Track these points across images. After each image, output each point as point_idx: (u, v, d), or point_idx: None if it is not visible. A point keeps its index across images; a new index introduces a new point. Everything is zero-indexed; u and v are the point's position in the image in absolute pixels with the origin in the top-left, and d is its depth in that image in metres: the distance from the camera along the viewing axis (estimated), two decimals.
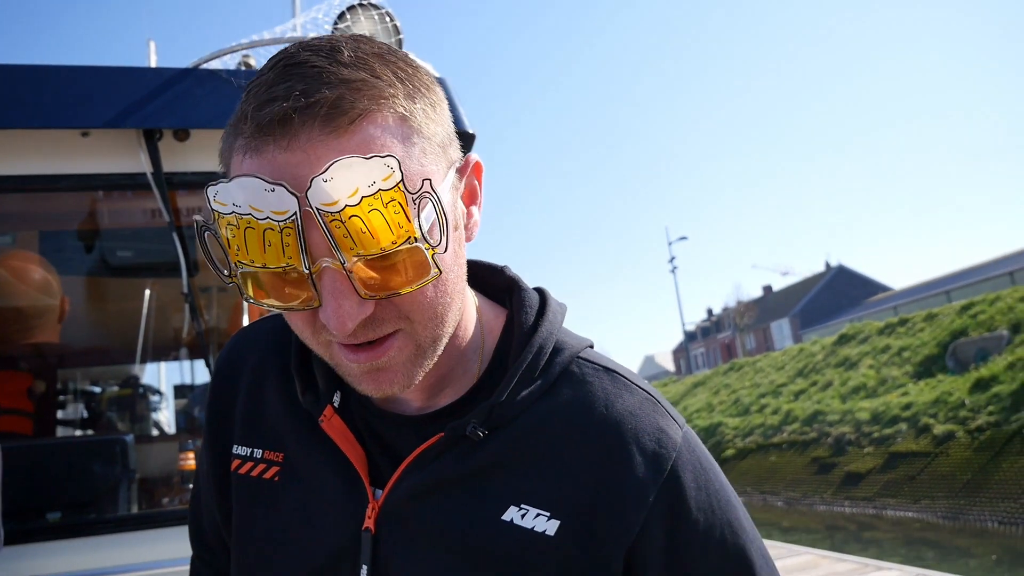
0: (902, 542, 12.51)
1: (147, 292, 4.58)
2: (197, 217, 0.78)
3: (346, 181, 0.69)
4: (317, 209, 0.70)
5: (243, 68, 3.12)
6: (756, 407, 23.01)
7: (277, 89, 0.74)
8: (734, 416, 23.56)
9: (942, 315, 20.15)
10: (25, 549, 2.48)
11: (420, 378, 0.84)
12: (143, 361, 5.11)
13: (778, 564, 0.96)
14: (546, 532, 0.85)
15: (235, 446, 1.01)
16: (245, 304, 4.61)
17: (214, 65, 2.99)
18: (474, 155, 0.90)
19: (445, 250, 0.76)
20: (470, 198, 0.90)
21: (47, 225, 3.45)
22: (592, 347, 0.99)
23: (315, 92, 0.73)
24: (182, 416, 5.52)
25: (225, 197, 0.72)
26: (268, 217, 0.71)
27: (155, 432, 5.08)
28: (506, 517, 0.86)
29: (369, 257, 0.73)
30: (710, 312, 75.89)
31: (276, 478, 0.97)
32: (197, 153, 2.86)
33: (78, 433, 5.16)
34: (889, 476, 15.09)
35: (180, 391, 5.72)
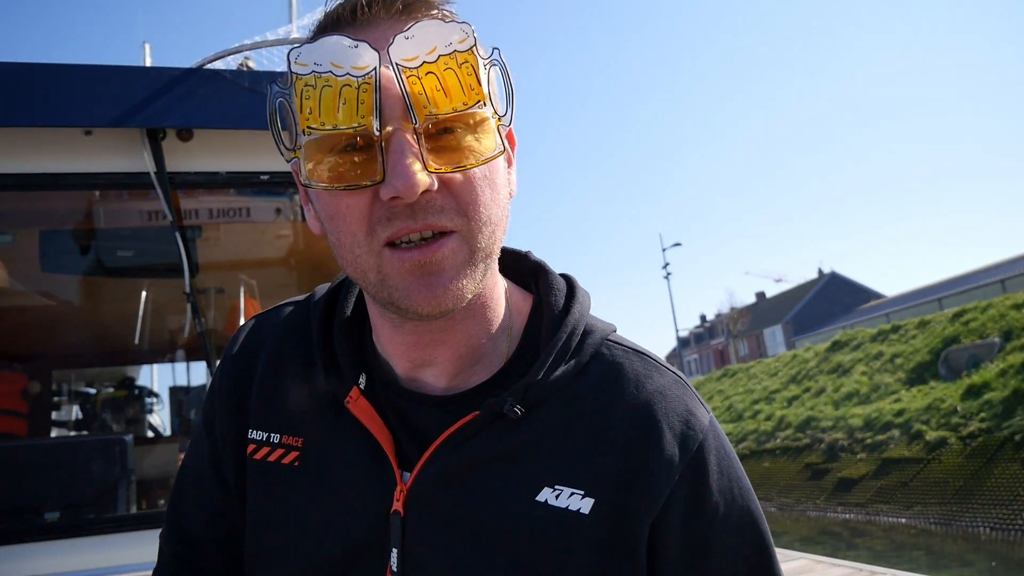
0: (895, 547, 12.53)
1: (144, 293, 4.56)
2: (273, 86, 0.80)
3: (426, 39, 0.74)
4: (396, 64, 0.74)
5: (244, 70, 3.12)
6: (749, 413, 23.03)
7: None
8: (728, 422, 23.57)
9: (934, 322, 20.20)
10: (24, 549, 2.46)
11: (469, 294, 0.82)
12: (139, 362, 5.09)
13: None
14: (581, 511, 0.85)
15: (250, 430, 0.99)
16: (241, 306, 4.61)
17: (217, 66, 2.99)
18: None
19: (510, 123, 0.81)
20: (507, 161, 0.93)
21: (48, 224, 3.43)
22: (615, 330, 0.99)
23: None
24: (177, 419, 5.50)
25: (307, 58, 0.74)
26: (347, 73, 0.74)
27: (150, 434, 5.06)
28: (540, 498, 0.85)
29: (442, 116, 0.76)
30: (703, 318, 76.01)
31: (296, 463, 0.95)
32: (200, 153, 2.86)
33: (72, 434, 5.13)
34: (882, 482, 15.11)
35: (175, 393, 5.69)
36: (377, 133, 0.75)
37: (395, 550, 0.86)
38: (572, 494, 0.85)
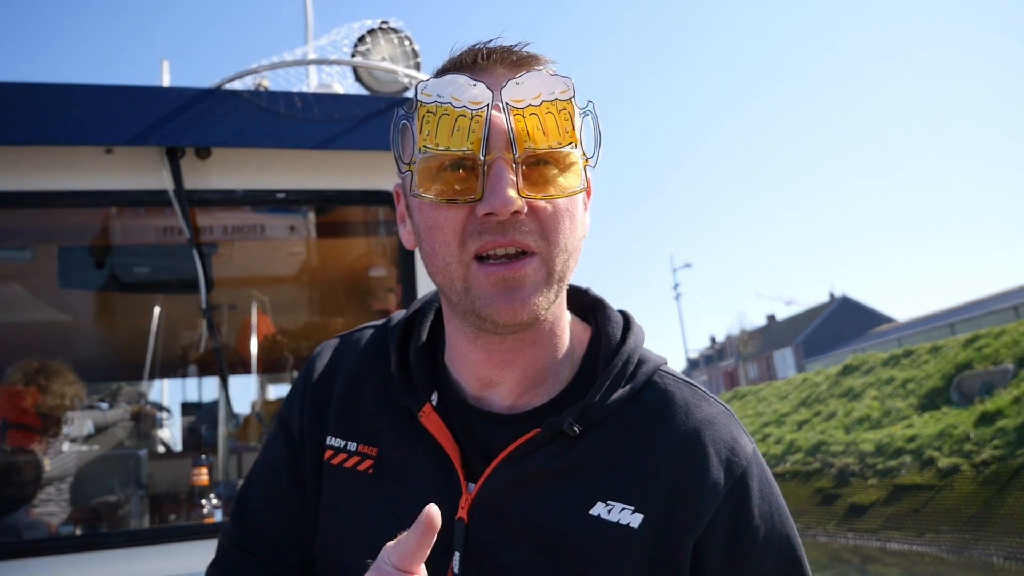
0: None
1: (157, 309, 4.60)
2: (399, 109, 0.95)
3: (533, 86, 0.87)
4: (506, 104, 0.87)
5: (262, 90, 3.16)
6: (759, 436, 22.88)
7: (479, 49, 0.97)
8: None
9: (947, 347, 20.08)
10: (39, 562, 2.47)
11: (543, 311, 0.92)
12: (152, 378, 5.12)
13: None
14: (630, 525, 0.93)
15: (328, 437, 1.09)
16: (253, 322, 4.63)
17: (235, 85, 3.03)
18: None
19: (595, 164, 0.92)
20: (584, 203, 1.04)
21: (66, 240, 3.47)
22: (667, 363, 1.08)
23: (510, 49, 0.97)
24: (188, 434, 5.51)
25: (432, 90, 0.87)
26: (464, 106, 0.87)
27: (161, 449, 5.07)
28: (594, 511, 0.93)
29: (538, 151, 0.88)
30: (713, 340, 75.65)
31: (370, 470, 1.04)
32: (218, 171, 2.89)
33: (84, 448, 5.15)
34: (893, 508, 14.96)
35: (187, 408, 5.72)
36: (482, 158, 0.87)
37: (457, 553, 0.95)
38: (623, 509, 0.93)
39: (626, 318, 1.10)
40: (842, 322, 54.80)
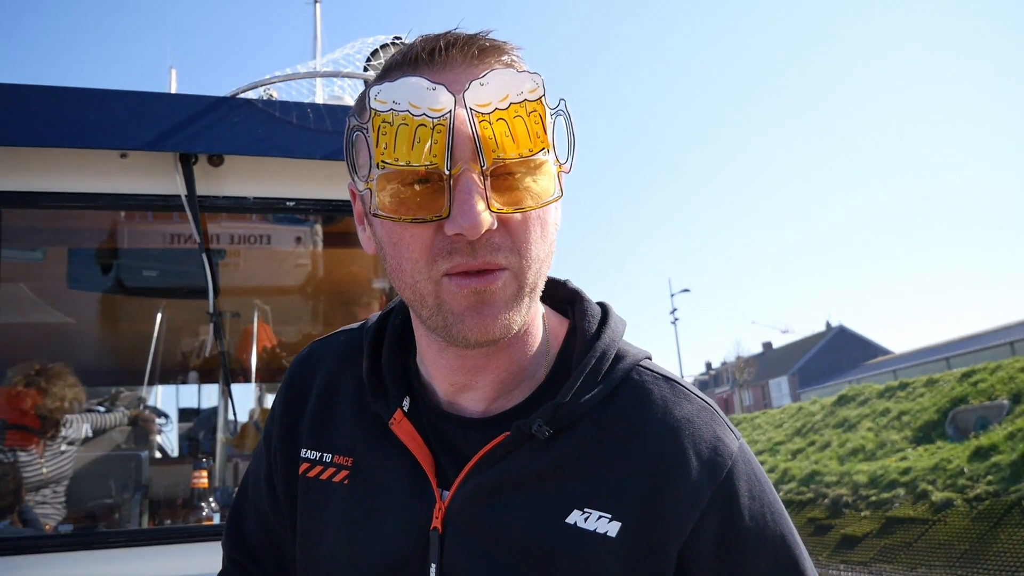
0: None
1: (159, 315, 4.62)
2: (351, 118, 0.87)
3: (499, 87, 0.79)
4: (471, 108, 0.78)
5: (275, 100, 3.21)
6: None
7: (436, 39, 0.87)
8: None
9: (943, 381, 20.07)
10: (37, 559, 2.48)
11: (516, 326, 0.86)
12: (152, 383, 5.13)
13: None
14: (608, 534, 0.87)
15: (303, 450, 1.05)
16: (254, 330, 4.66)
17: (248, 95, 3.09)
18: None
19: (570, 170, 0.86)
20: None
21: (77, 242, 3.51)
22: (650, 358, 1.02)
23: (471, 38, 0.87)
24: (186, 440, 5.52)
25: (386, 96, 0.79)
26: (424, 114, 0.78)
27: (158, 455, 5.08)
28: (570, 520, 0.88)
29: (508, 160, 0.80)
30: (709, 366, 75.50)
31: (345, 481, 1.00)
32: (230, 178, 2.94)
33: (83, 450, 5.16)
34: (886, 541, 14.89)
35: (186, 415, 5.73)
36: (447, 172, 0.79)
37: (433, 565, 0.90)
38: (600, 517, 0.88)
39: (604, 310, 1.03)
40: (838, 352, 54.74)
